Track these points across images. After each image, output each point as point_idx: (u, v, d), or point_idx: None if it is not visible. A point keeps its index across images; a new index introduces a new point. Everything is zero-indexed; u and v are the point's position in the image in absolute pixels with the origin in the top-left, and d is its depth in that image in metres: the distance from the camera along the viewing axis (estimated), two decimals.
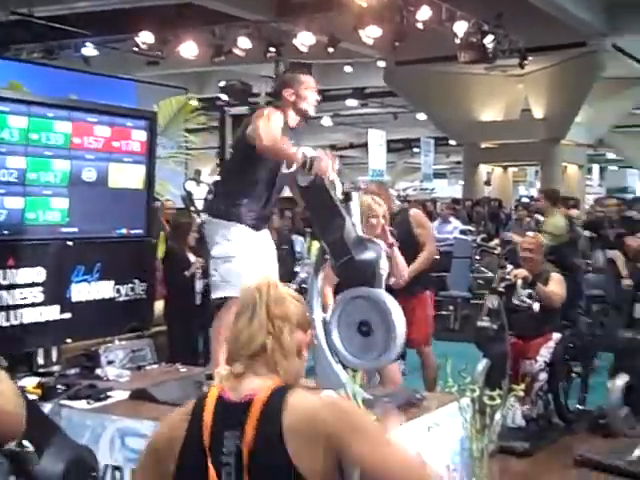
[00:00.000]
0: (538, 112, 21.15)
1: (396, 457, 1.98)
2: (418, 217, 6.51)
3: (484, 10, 14.02)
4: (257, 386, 1.99)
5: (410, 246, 6.14)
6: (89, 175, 5.15)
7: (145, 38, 14.54)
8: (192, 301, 7.39)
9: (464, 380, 4.34)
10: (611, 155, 35.19)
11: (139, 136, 5.43)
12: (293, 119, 4.55)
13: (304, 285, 4.85)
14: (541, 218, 11.15)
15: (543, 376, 5.84)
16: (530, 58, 15.64)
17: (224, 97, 7.44)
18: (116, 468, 3.94)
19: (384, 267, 4.94)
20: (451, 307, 11.22)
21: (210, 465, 1.90)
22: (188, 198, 8.73)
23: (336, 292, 4.59)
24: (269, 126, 4.21)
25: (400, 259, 5.41)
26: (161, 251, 7.46)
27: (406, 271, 5.50)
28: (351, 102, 25.06)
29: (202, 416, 1.96)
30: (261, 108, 4.55)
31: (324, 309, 4.48)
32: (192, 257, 7.53)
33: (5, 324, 4.66)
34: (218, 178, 5.38)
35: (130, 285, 5.43)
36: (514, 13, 14.21)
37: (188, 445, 1.95)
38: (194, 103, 9.45)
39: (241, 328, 2.05)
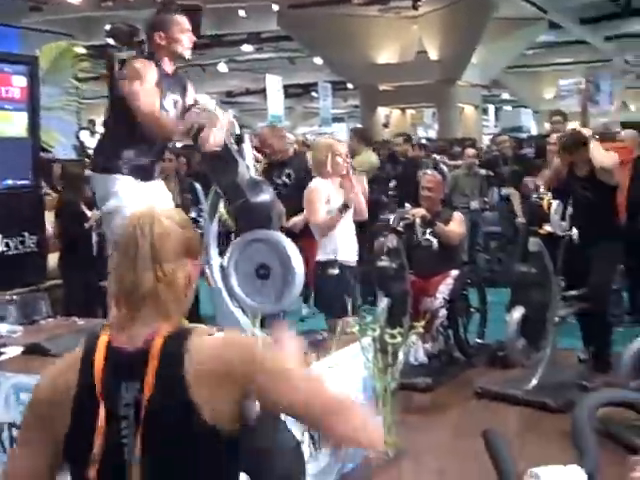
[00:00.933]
0: (433, 53, 21.27)
1: (317, 393, 1.85)
2: None
3: None
4: (150, 332, 1.84)
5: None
6: None
7: None
8: (89, 253, 7.20)
9: (365, 320, 4.35)
10: (505, 95, 35.81)
11: (19, 82, 5.20)
12: (168, 65, 4.33)
13: (200, 231, 4.74)
14: (438, 157, 11.28)
15: (443, 312, 5.92)
16: None
17: (111, 41, 7.17)
18: (12, 425, 3.82)
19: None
20: None
21: (102, 417, 1.77)
22: (81, 148, 8.49)
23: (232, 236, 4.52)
24: (146, 92, 4.04)
25: (361, 199, 5.47)
26: None
27: (365, 210, 5.55)
28: (246, 47, 24.68)
29: (92, 366, 1.81)
30: (133, 59, 4.31)
31: None
32: (86, 209, 7.32)
33: None
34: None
35: (20, 238, 5.25)
36: None
37: (81, 395, 1.81)
38: (80, 50, 9.10)
39: (123, 272, 1.86)
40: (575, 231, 5.35)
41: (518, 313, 5.34)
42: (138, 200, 4.23)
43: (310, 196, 5.43)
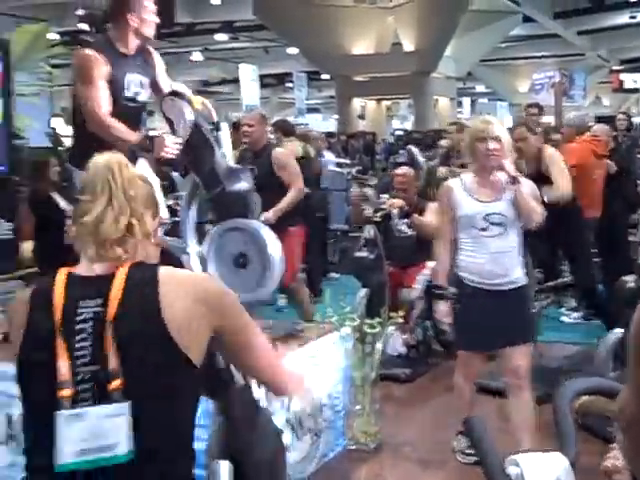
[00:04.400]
0: (408, 45, 21.26)
1: (266, 348, 1.99)
2: (280, 156, 6.23)
3: None
4: (114, 264, 1.86)
5: (271, 187, 5.86)
6: None
7: None
8: (61, 240, 7.09)
9: (344, 310, 4.32)
10: (480, 88, 35.93)
11: None
12: (133, 44, 4.22)
13: (177, 218, 4.68)
14: (414, 149, 11.23)
15: (421, 303, 5.90)
16: None
17: (84, 27, 7.04)
18: None
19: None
20: (330, 240, 11.24)
21: (59, 336, 1.77)
22: (54, 135, 8.38)
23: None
24: (94, 97, 3.95)
25: (527, 197, 3.93)
26: None
27: (539, 212, 4.00)
28: (221, 36, 24.54)
29: (51, 291, 1.82)
30: (79, 51, 4.18)
31: None
32: (57, 195, 7.22)
33: None
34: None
35: None
36: None
37: (35, 323, 1.81)
38: (52, 36, 8.94)
39: (97, 214, 1.85)
40: None
41: None
42: None
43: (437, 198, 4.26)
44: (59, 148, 8.40)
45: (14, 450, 3.64)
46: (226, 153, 4.26)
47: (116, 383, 1.74)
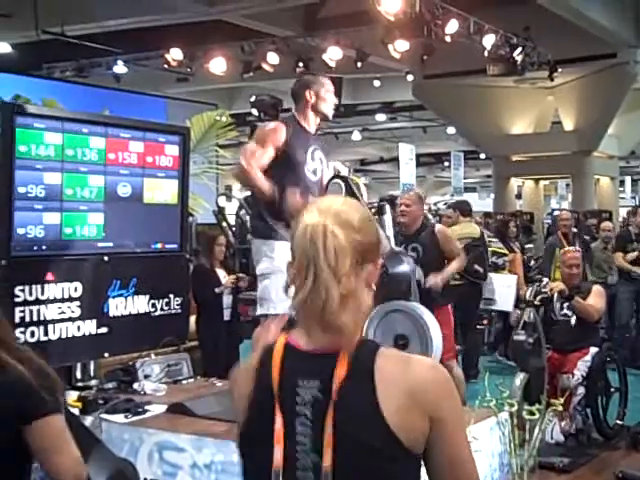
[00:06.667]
0: (569, 124, 20.99)
1: (468, 452, 1.81)
2: (444, 231, 6.48)
3: (512, 23, 13.99)
4: (334, 340, 1.77)
5: (437, 263, 6.14)
6: (124, 190, 5.19)
7: (175, 55, 14.67)
8: (221, 317, 7.38)
9: (502, 394, 4.30)
10: None
11: (172, 151, 5.46)
12: (313, 121, 4.52)
13: None
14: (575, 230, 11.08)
15: (581, 390, 5.77)
16: (559, 70, 15.53)
17: (254, 112, 7.43)
18: None
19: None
20: (485, 321, 11.12)
21: (278, 415, 1.74)
22: (220, 213, 8.78)
23: None
24: (252, 151, 4.26)
25: None
26: None
27: None
28: (380, 116, 25.06)
29: (270, 365, 1.79)
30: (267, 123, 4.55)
31: None
32: (222, 272, 7.52)
33: (44, 338, 4.69)
34: (248, 194, 5.45)
35: (165, 300, 5.44)
36: (542, 25, 14.16)
37: (257, 396, 1.80)
38: (224, 119, 9.50)
39: (303, 294, 1.80)
40: None
41: None
42: None
43: None
44: (224, 225, 8.79)
45: None
46: (389, 235, 4.40)
47: (327, 466, 1.69)
